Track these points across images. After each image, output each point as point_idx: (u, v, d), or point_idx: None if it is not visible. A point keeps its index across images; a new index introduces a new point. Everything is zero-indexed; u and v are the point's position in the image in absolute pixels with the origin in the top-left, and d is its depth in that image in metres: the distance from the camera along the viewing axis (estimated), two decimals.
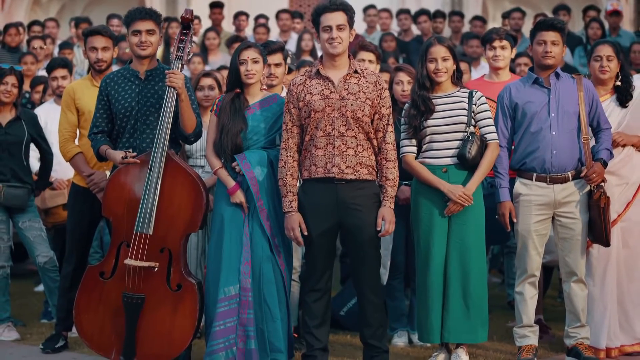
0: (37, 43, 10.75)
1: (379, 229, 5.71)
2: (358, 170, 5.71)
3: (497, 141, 6.02)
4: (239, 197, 5.85)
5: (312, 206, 5.75)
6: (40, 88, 8.70)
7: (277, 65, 6.56)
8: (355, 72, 5.79)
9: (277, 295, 5.84)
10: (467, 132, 5.94)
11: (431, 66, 6.00)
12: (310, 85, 5.77)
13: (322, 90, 5.74)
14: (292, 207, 5.74)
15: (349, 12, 5.75)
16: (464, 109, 5.97)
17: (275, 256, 5.85)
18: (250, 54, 5.92)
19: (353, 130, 5.71)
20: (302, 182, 5.85)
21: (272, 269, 5.83)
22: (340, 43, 5.71)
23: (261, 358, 5.81)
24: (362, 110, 5.71)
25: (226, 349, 5.80)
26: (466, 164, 5.92)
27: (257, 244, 5.84)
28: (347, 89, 5.73)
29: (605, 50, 6.39)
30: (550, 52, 6.09)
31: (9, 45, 11.03)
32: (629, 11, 14.75)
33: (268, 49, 6.41)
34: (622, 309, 6.39)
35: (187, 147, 6.60)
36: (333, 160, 5.69)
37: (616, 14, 11.91)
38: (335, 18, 5.71)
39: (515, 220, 6.11)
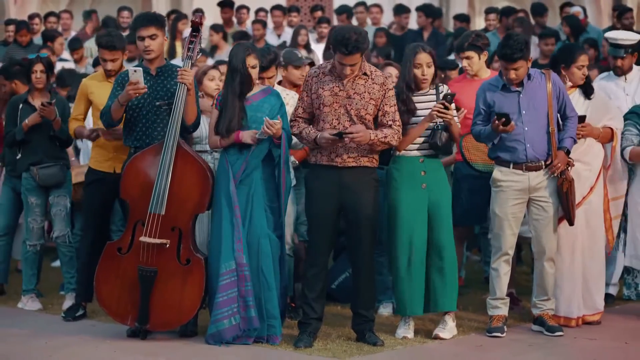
0: (60, 40, 10.97)
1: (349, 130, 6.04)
2: (359, 159, 6.18)
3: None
4: (246, 135, 6.18)
5: (317, 189, 6.22)
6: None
7: (269, 78, 6.89)
8: (365, 74, 6.19)
9: (273, 267, 6.23)
10: (435, 122, 6.32)
11: (418, 72, 6.36)
12: (324, 80, 6.20)
13: (333, 87, 6.17)
14: (315, 133, 6.16)
15: (363, 50, 6.09)
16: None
17: (273, 232, 6.27)
18: (248, 62, 6.26)
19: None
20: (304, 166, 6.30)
21: (269, 244, 6.22)
22: (351, 72, 6.16)
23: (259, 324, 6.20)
24: (366, 109, 6.16)
25: (230, 317, 6.16)
26: (440, 151, 6.36)
27: (256, 223, 6.22)
28: (354, 89, 6.15)
29: (585, 60, 6.81)
30: (515, 77, 6.40)
31: (20, 44, 11.19)
32: (607, 6, 15.14)
33: (261, 64, 6.61)
34: (584, 283, 6.72)
35: (195, 133, 6.83)
36: (337, 151, 6.16)
37: (583, 14, 12.24)
38: (351, 59, 6.07)
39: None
